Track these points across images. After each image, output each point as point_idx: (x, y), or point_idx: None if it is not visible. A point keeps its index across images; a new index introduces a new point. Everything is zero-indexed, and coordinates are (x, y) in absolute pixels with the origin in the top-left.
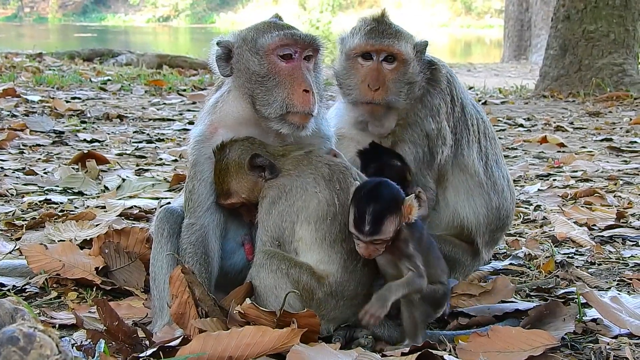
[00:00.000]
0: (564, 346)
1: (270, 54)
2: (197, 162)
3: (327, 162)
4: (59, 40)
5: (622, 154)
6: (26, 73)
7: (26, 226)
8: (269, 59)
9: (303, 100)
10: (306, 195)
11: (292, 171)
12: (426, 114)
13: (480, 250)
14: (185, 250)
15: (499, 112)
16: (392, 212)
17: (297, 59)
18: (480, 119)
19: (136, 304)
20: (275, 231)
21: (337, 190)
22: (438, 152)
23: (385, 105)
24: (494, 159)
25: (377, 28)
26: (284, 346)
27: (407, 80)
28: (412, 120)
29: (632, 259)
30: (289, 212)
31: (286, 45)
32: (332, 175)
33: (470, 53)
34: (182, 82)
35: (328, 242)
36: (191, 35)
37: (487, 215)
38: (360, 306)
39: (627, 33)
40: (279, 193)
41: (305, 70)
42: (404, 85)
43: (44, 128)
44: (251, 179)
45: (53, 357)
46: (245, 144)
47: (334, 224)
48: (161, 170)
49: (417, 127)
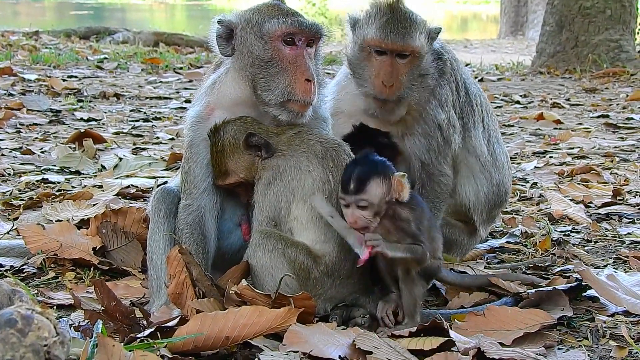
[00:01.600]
0: (560, 324)
1: (276, 40)
2: (193, 143)
3: (320, 139)
4: (55, 18)
5: (619, 130)
6: (23, 51)
7: (23, 206)
8: (274, 45)
9: (305, 89)
10: (300, 175)
11: (285, 151)
12: (436, 105)
13: (478, 228)
14: (182, 231)
15: (496, 89)
16: (378, 175)
17: (300, 46)
18: (481, 95)
19: (133, 284)
20: (271, 211)
21: (330, 168)
22: (452, 140)
23: (398, 100)
24: (495, 136)
25: (391, 21)
26: (281, 326)
27: (420, 72)
28: (422, 112)
29: (628, 236)
30: (284, 192)
31: (292, 32)
32: (326, 153)
33: (466, 29)
34: (178, 60)
35: (324, 221)
36: (187, 13)
37: (487, 193)
38: (357, 285)
39: (623, 9)
40: (274, 174)
41: (308, 58)
42: (417, 78)
43: (41, 107)
44: (247, 158)
45: (51, 339)
46: (238, 124)
47: (330, 201)
48: (158, 149)
49: (429, 119)
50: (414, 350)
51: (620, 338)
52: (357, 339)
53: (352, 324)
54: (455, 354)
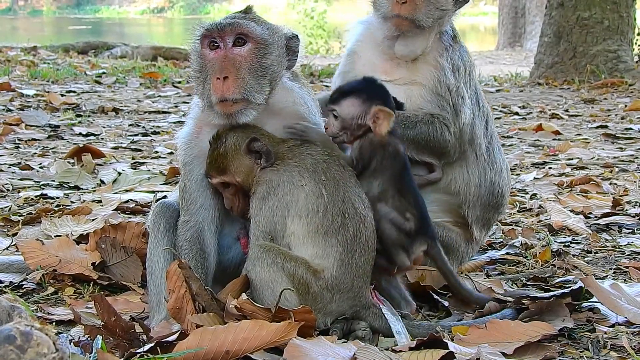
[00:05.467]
0: (561, 335)
1: (203, 46)
2: (186, 162)
3: (310, 152)
4: (53, 33)
5: (618, 141)
6: (21, 67)
7: (22, 221)
8: (201, 53)
9: (216, 88)
10: (293, 189)
11: (279, 165)
12: (449, 67)
13: (471, 226)
14: (181, 247)
15: (494, 100)
16: (358, 97)
17: (223, 48)
18: (487, 108)
19: (133, 298)
20: (267, 226)
21: (322, 181)
22: (460, 110)
23: (413, 23)
24: (496, 143)
25: None
26: (281, 340)
27: (438, 5)
28: (435, 64)
29: (628, 247)
30: (278, 206)
31: (209, 35)
32: (317, 166)
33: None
34: (177, 74)
35: (321, 236)
36: (186, 27)
37: (479, 186)
38: (357, 299)
39: (621, 19)
40: (268, 188)
41: (230, 57)
42: (434, 10)
43: (39, 122)
44: (247, 163)
45: (50, 355)
46: (240, 130)
47: (326, 216)
48: (157, 163)
49: (441, 75)
50: None
51: (621, 349)
52: (358, 353)
53: (352, 338)
54: None
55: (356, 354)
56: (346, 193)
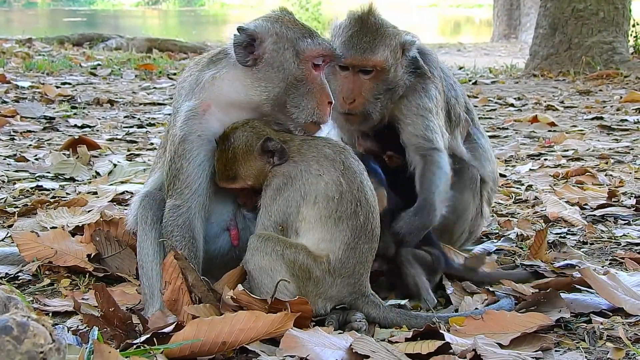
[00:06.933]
0: (557, 326)
1: (309, 60)
2: (187, 139)
3: (326, 143)
4: (48, 25)
5: (613, 132)
6: (16, 59)
7: (18, 213)
8: (307, 65)
9: (327, 113)
10: (311, 179)
11: (295, 158)
12: (422, 96)
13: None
14: (172, 233)
15: (490, 92)
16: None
17: (321, 68)
18: (463, 115)
19: (129, 290)
20: (279, 216)
21: (341, 170)
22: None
23: (362, 115)
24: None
25: (356, 35)
26: (278, 331)
27: (386, 87)
28: (403, 124)
29: (624, 238)
30: (294, 197)
31: (324, 56)
32: (335, 156)
33: (460, 33)
34: (172, 65)
35: (333, 220)
36: (180, 18)
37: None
38: (357, 286)
39: (616, 11)
40: (284, 180)
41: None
42: (382, 93)
43: (35, 114)
44: (259, 164)
45: (47, 345)
46: (248, 129)
47: (341, 202)
48: (152, 155)
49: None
50: (411, 354)
51: (618, 340)
52: (354, 343)
53: (348, 329)
54: (452, 357)
55: (352, 344)
56: (361, 183)
